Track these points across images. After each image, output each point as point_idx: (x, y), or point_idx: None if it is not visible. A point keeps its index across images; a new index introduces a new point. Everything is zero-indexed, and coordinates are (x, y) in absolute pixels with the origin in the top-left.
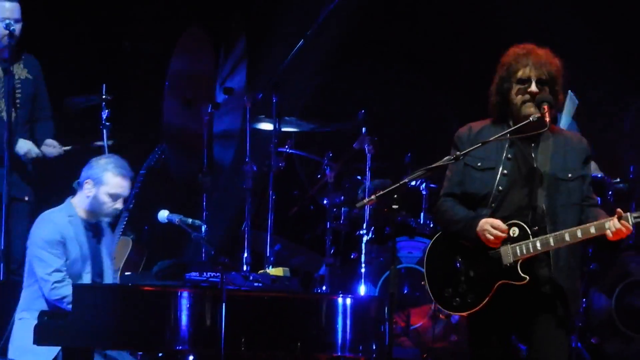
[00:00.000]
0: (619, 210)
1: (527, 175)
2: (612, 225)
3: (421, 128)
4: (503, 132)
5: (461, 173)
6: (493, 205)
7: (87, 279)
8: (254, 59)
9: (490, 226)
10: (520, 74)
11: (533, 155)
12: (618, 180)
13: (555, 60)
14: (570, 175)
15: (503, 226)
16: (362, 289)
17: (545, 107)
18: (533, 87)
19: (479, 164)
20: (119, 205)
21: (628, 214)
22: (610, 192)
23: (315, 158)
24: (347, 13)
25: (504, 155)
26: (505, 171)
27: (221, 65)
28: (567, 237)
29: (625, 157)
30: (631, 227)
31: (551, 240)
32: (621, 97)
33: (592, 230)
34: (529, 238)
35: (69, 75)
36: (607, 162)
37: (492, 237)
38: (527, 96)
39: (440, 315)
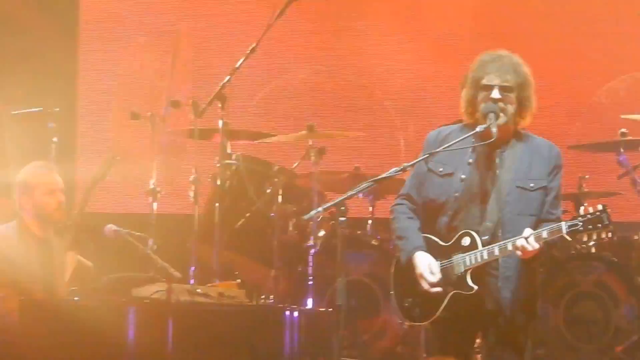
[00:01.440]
0: (526, 230)
1: (487, 182)
2: (518, 244)
3: (369, 139)
4: (456, 140)
5: (423, 176)
6: (450, 212)
7: (37, 295)
8: (200, 69)
9: (423, 282)
10: (484, 80)
11: (497, 161)
12: None
13: (521, 67)
14: (532, 185)
15: (434, 289)
16: (310, 302)
17: (492, 117)
18: (495, 94)
19: (440, 170)
20: (60, 197)
21: (533, 232)
22: None
23: (263, 170)
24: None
25: (466, 160)
26: (463, 176)
27: (168, 76)
28: (509, 247)
29: None
30: (529, 247)
31: (496, 249)
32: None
33: (509, 246)
34: (477, 247)
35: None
36: None
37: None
38: (490, 102)
39: (406, 324)
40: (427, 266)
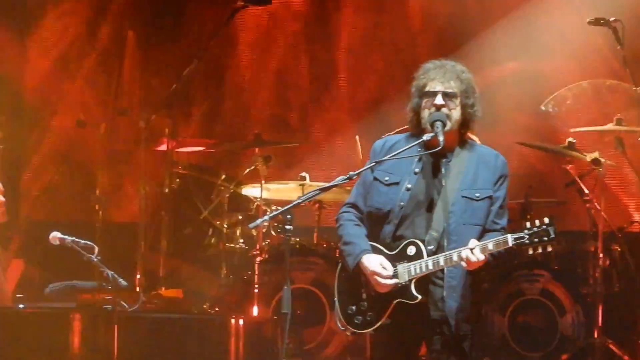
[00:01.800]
0: (472, 241)
1: (433, 191)
2: (463, 255)
3: (316, 147)
4: (403, 149)
5: (368, 185)
6: (395, 221)
7: None
8: (147, 79)
9: (378, 277)
10: (427, 87)
11: (443, 170)
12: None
13: (464, 74)
14: (477, 194)
15: (389, 281)
16: (256, 310)
17: (439, 125)
18: (438, 100)
19: (386, 179)
20: (2, 198)
21: (478, 244)
22: None
23: (209, 178)
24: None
25: (412, 169)
26: (409, 186)
27: (115, 85)
28: (454, 258)
29: None
30: (474, 259)
31: (441, 259)
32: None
33: (454, 257)
34: (423, 257)
35: None
36: None
37: (378, 284)
38: (434, 109)
39: (348, 333)
40: (378, 263)
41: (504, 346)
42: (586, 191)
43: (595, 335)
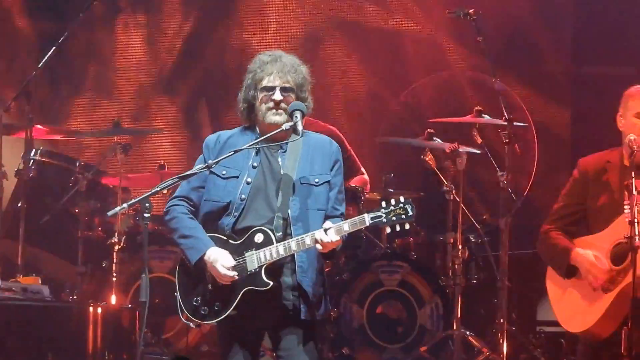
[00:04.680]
0: (326, 222)
1: (274, 182)
2: (318, 237)
3: (175, 136)
4: (252, 142)
5: (203, 179)
6: (236, 214)
7: None
8: (6, 65)
9: (222, 267)
10: (265, 82)
11: (280, 161)
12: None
13: (301, 67)
14: (317, 180)
15: (231, 273)
16: (114, 298)
17: (298, 115)
18: (277, 95)
19: (223, 172)
20: None
21: (333, 225)
22: (362, 203)
23: (67, 166)
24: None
25: (250, 163)
26: (249, 179)
27: None
28: (307, 241)
29: None
30: (328, 240)
31: (293, 244)
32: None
33: (307, 240)
34: (272, 243)
35: None
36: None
37: (222, 278)
38: (271, 104)
39: (191, 325)
40: (222, 259)
41: (363, 337)
42: (445, 182)
43: (454, 327)
